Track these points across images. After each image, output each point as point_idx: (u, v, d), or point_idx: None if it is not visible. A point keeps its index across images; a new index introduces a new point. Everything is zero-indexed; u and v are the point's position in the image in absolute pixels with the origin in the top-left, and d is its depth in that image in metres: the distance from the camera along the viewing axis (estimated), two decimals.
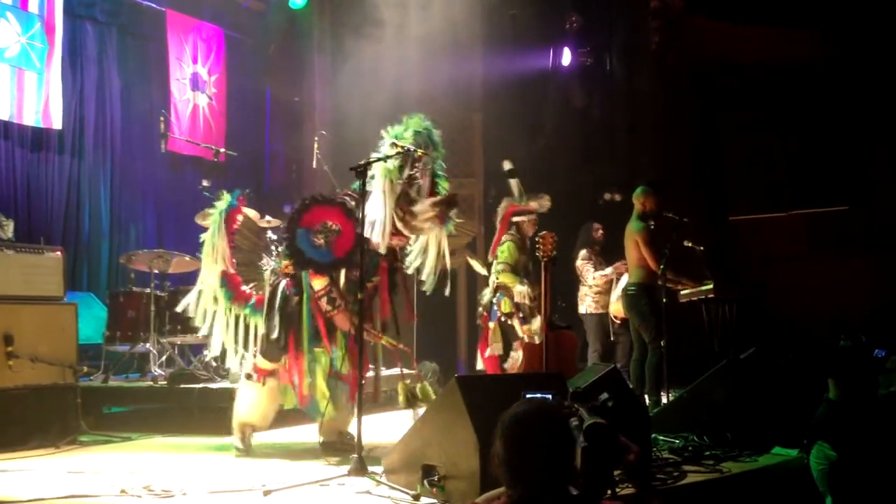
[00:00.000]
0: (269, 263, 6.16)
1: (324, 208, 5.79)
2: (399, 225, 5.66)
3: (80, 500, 4.55)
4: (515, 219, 7.58)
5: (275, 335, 5.76)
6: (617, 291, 8.66)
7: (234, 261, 6.04)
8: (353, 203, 5.73)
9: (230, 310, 6.00)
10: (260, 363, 5.89)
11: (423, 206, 5.71)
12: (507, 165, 7.95)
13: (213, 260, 6.05)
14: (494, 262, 7.58)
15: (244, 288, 6.03)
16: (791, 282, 9.41)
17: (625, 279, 8.37)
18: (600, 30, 12.22)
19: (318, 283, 5.68)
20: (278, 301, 5.81)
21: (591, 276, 8.96)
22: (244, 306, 6.00)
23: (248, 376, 5.97)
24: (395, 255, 5.94)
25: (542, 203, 7.69)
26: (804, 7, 10.69)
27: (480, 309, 7.87)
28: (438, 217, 5.77)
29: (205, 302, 6.05)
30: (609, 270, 8.85)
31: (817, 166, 10.61)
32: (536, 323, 7.25)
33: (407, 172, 5.69)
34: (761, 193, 10.91)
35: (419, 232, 5.87)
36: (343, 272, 5.72)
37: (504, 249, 7.46)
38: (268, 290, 5.93)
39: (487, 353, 7.64)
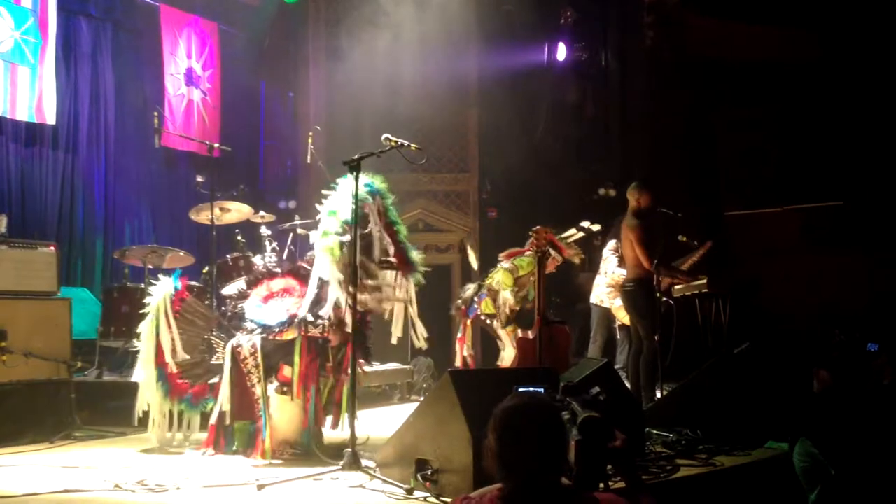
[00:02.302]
0: (219, 345, 6.06)
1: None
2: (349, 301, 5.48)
3: (75, 494, 4.56)
4: (548, 247, 7.47)
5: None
6: None
7: (176, 349, 5.98)
8: None
9: (165, 405, 5.98)
10: (286, 372, 5.69)
11: (381, 280, 5.56)
12: (588, 226, 8.22)
13: (152, 350, 5.97)
14: (503, 260, 7.55)
15: (183, 378, 6.02)
16: (785, 277, 9.42)
17: None
18: (595, 25, 12.22)
19: (291, 333, 5.60)
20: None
21: (612, 268, 8.79)
22: (181, 401, 6.00)
23: (280, 390, 5.69)
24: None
25: (578, 255, 7.71)
26: (798, 5, 10.70)
27: (459, 302, 7.89)
28: (402, 272, 5.67)
29: (142, 397, 6.00)
30: None
31: (811, 162, 10.62)
32: (509, 351, 7.32)
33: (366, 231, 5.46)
34: (755, 189, 10.92)
35: (368, 308, 5.63)
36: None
37: (524, 260, 7.43)
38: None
39: (466, 350, 7.70)
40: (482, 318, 7.61)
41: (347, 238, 5.31)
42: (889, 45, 10.07)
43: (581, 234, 8.35)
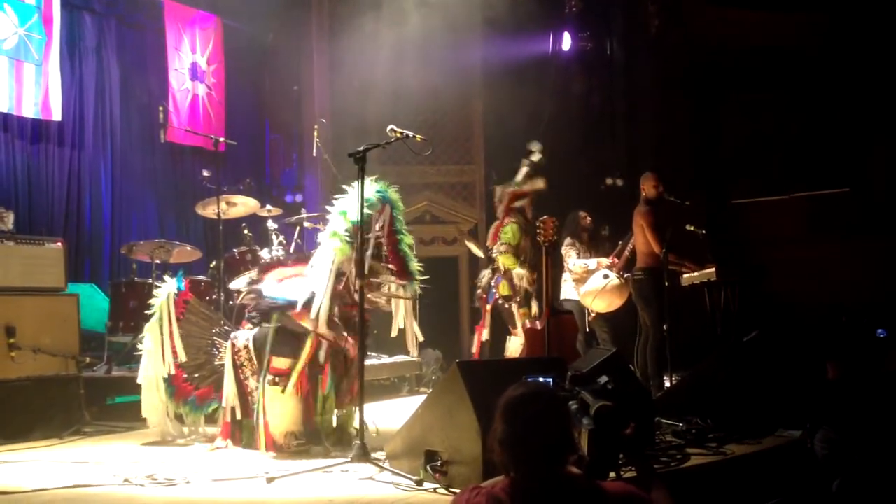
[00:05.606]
0: (221, 345, 6.07)
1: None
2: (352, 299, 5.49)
3: (84, 489, 4.56)
4: (518, 203, 7.57)
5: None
6: (589, 286, 8.41)
7: (177, 351, 6.00)
8: None
9: (170, 406, 6.03)
10: (275, 363, 5.65)
11: (384, 278, 5.63)
12: (536, 150, 8.03)
13: (158, 351, 5.99)
14: (497, 244, 7.58)
15: (187, 380, 6.04)
16: (793, 264, 9.39)
17: (597, 277, 8.28)
18: (600, 14, 12.16)
19: (307, 322, 5.54)
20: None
21: (572, 262, 8.80)
22: (185, 403, 6.03)
23: (272, 382, 5.63)
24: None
25: (536, 184, 7.70)
26: None
27: (479, 291, 7.89)
28: (399, 282, 5.70)
29: (148, 396, 6.03)
30: (592, 263, 8.58)
31: (818, 149, 10.58)
32: (535, 307, 7.26)
33: (369, 235, 5.45)
34: (762, 176, 10.89)
35: (375, 305, 5.73)
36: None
37: (507, 231, 7.48)
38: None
39: (485, 335, 7.70)
40: (500, 301, 7.60)
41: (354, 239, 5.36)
42: None
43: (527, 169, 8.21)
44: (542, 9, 11.43)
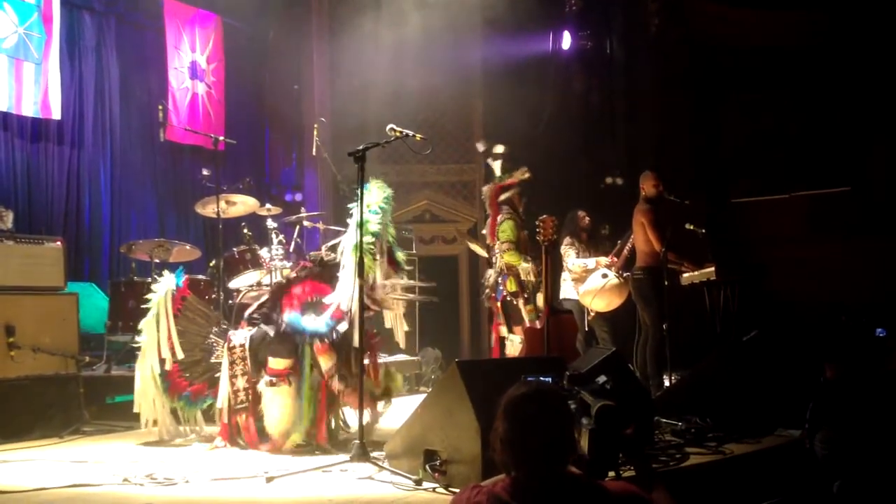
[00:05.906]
0: (218, 343, 6.07)
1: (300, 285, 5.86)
2: (367, 302, 5.51)
3: (84, 489, 4.56)
4: (503, 196, 7.57)
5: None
6: (588, 286, 8.41)
7: (174, 347, 5.97)
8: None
9: (165, 401, 6.00)
10: (272, 364, 5.66)
11: (389, 281, 5.70)
12: (481, 147, 8.04)
13: (154, 346, 5.97)
14: (497, 243, 7.57)
15: (182, 376, 6.02)
16: (792, 264, 9.39)
17: (596, 276, 8.28)
18: (600, 13, 12.15)
19: (326, 361, 5.54)
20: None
21: (570, 261, 8.79)
22: (179, 398, 6.00)
23: (270, 383, 5.63)
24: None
25: (520, 175, 7.70)
26: None
27: (487, 290, 7.87)
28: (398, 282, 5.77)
29: (142, 391, 6.00)
30: (591, 262, 8.60)
31: (818, 149, 10.58)
32: (540, 299, 7.24)
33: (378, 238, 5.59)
34: (762, 176, 10.88)
35: (385, 307, 5.78)
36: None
37: (505, 229, 7.45)
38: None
39: (504, 331, 7.68)
40: (508, 298, 7.58)
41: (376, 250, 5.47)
42: None
43: (498, 161, 8.19)
44: (541, 8, 11.43)
